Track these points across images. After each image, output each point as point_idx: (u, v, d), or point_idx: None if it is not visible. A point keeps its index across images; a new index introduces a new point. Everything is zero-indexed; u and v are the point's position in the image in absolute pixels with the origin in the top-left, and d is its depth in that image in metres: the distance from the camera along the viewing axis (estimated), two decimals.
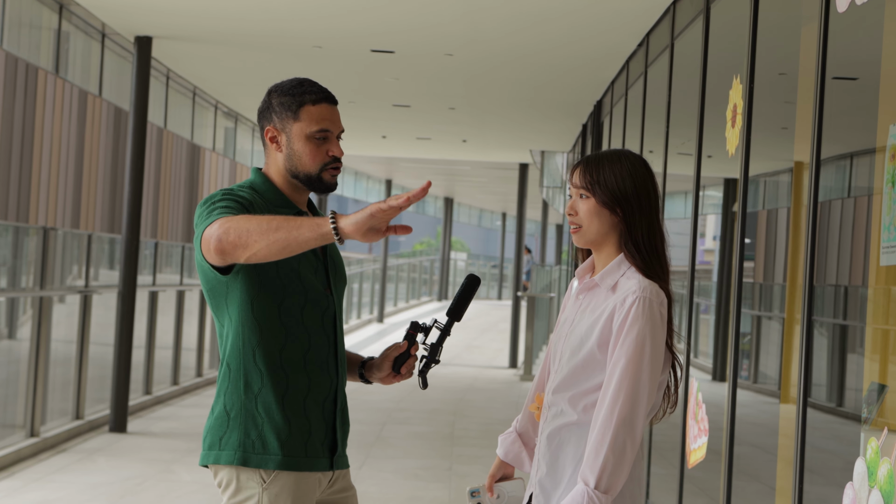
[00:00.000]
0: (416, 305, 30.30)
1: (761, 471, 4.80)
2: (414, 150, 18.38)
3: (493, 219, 44.74)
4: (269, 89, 2.97)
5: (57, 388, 8.97)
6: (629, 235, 2.86)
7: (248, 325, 2.84)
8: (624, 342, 2.77)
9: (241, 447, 2.84)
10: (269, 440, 2.85)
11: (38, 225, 8.83)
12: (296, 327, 2.87)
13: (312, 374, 2.90)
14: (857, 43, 3.96)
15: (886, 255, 3.26)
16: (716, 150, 5.69)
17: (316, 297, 2.91)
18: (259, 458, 2.84)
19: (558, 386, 2.89)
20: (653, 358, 2.77)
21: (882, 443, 3.17)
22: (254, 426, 2.85)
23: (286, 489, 2.86)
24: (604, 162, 2.89)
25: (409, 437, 9.62)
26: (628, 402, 2.74)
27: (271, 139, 2.94)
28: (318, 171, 2.92)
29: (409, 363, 3.07)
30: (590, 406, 2.84)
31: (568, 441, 2.86)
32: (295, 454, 2.86)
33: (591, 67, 9.69)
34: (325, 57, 10.02)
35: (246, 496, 2.87)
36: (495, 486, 3.07)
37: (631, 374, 2.75)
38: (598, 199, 2.86)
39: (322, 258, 2.98)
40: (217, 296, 2.86)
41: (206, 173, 13.78)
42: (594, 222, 2.87)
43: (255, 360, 2.85)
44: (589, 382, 2.84)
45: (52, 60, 9.27)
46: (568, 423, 2.86)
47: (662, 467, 6.55)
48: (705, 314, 7.05)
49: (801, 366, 4.00)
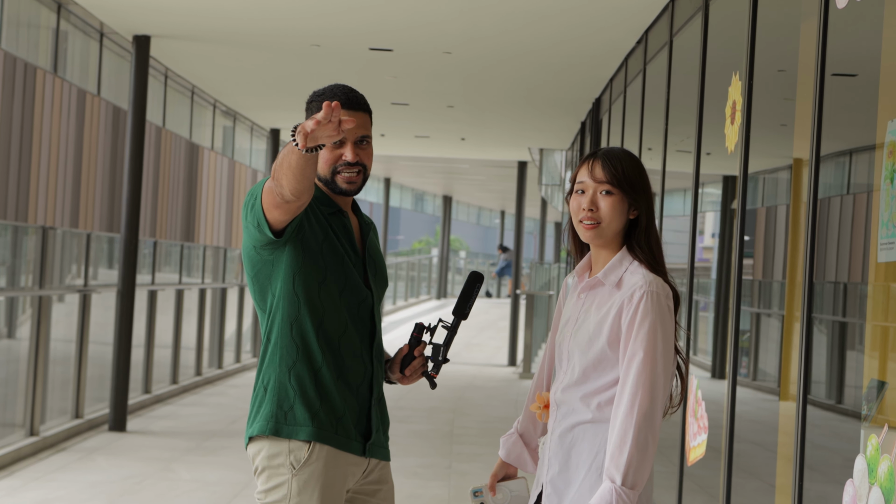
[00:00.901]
0: (414, 304, 30.30)
1: (761, 468, 4.80)
2: (412, 148, 18.38)
3: (491, 217, 44.74)
4: None
5: (56, 387, 8.97)
6: (641, 232, 2.85)
7: (289, 298, 2.98)
8: (636, 337, 2.77)
9: (272, 418, 2.96)
10: (300, 412, 2.95)
11: (37, 224, 8.83)
12: (333, 308, 3.00)
13: (346, 356, 3.01)
14: (857, 39, 3.96)
15: (885, 251, 3.26)
16: (715, 147, 5.69)
17: (355, 285, 3.04)
18: (290, 429, 2.94)
19: (569, 385, 2.88)
20: (665, 350, 2.78)
21: (882, 440, 3.17)
22: (286, 398, 2.96)
23: (315, 476, 2.93)
24: (624, 159, 2.87)
25: (408, 435, 9.62)
26: (648, 396, 2.74)
27: None
28: (330, 174, 3.03)
29: (413, 365, 3.14)
30: (604, 403, 2.83)
31: (582, 439, 2.85)
32: (325, 428, 2.94)
33: (589, 65, 9.69)
34: (324, 55, 10.01)
35: (276, 483, 2.95)
36: (498, 485, 3.07)
37: (647, 368, 2.75)
38: (623, 195, 2.84)
39: (361, 255, 3.11)
40: (262, 277, 3.00)
41: (204, 172, 13.78)
42: (615, 219, 2.85)
43: (292, 334, 2.98)
44: (601, 380, 2.84)
45: (51, 60, 9.26)
46: (581, 421, 2.85)
47: (662, 465, 6.55)
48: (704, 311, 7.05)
49: (800, 363, 4.00)
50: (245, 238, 3.01)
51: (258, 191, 2.92)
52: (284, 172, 2.75)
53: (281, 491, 2.94)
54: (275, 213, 2.88)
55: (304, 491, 2.93)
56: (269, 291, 3.01)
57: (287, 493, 2.93)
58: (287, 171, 2.74)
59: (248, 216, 2.94)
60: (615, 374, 2.81)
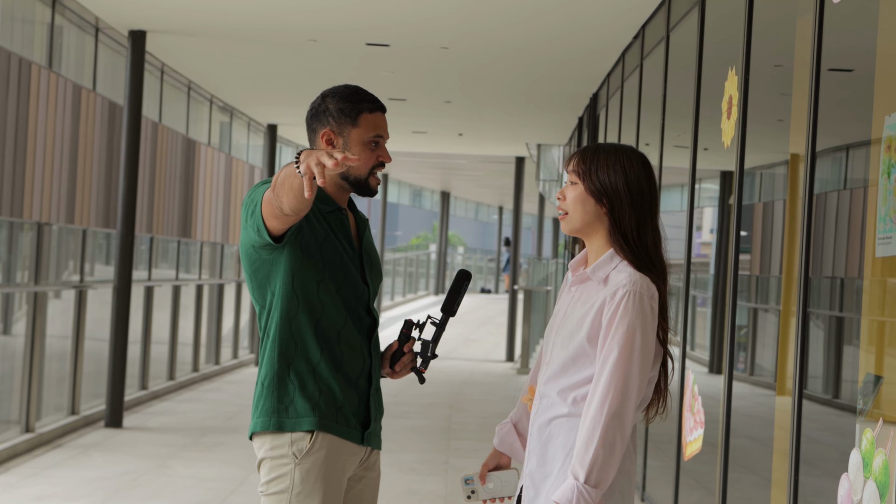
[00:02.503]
0: (412, 299, 30.30)
1: (757, 463, 4.80)
2: (410, 143, 18.36)
3: (489, 212, 44.73)
4: (324, 94, 3.15)
5: (52, 383, 8.95)
6: (616, 228, 2.86)
7: (288, 297, 3.03)
8: (614, 336, 2.76)
9: (274, 413, 3.01)
10: (300, 405, 3.00)
11: (33, 220, 8.82)
12: (332, 304, 3.05)
13: (345, 350, 3.07)
14: (853, 34, 3.95)
15: (882, 246, 3.25)
16: (712, 142, 5.68)
17: (353, 282, 3.10)
18: (292, 422, 3.00)
19: (549, 378, 2.90)
20: (643, 352, 2.76)
21: (877, 434, 3.17)
22: (286, 393, 3.01)
23: (317, 465, 2.98)
24: (600, 153, 2.89)
25: (405, 430, 9.61)
26: (618, 397, 2.73)
27: (327, 141, 3.10)
28: (367, 174, 3.11)
29: (403, 361, 3.20)
30: (580, 399, 2.83)
31: (558, 433, 2.86)
32: (327, 417, 3.00)
33: (586, 60, 9.68)
34: (321, 51, 10.00)
35: (279, 474, 2.99)
36: (489, 474, 3.08)
37: (621, 368, 2.74)
38: (585, 187, 2.87)
39: (358, 252, 3.16)
40: (261, 275, 3.05)
41: (201, 168, 13.76)
42: (579, 210, 2.88)
43: (292, 331, 3.03)
44: (579, 375, 2.84)
45: (46, 55, 9.24)
46: (558, 415, 2.86)
47: (659, 459, 6.54)
48: (702, 307, 7.05)
49: (796, 358, 4.00)
50: (244, 237, 3.05)
51: (258, 197, 2.96)
52: (286, 192, 2.80)
53: (284, 481, 2.98)
54: (274, 223, 2.94)
55: (307, 480, 2.97)
56: (267, 289, 3.06)
57: (290, 483, 2.98)
58: (288, 191, 2.79)
59: (247, 220, 2.99)
60: (593, 370, 2.81)
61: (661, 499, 6.55)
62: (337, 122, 3.09)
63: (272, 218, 2.92)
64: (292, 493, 2.97)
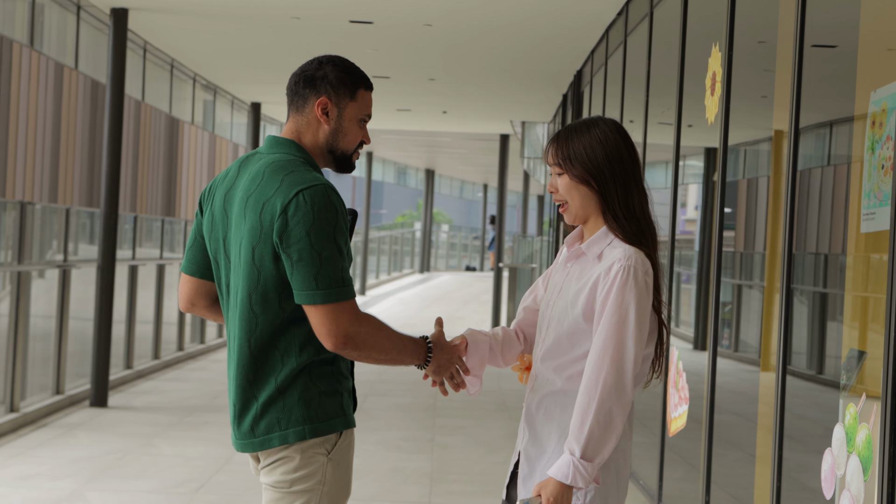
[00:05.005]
0: (398, 277, 30.29)
1: (742, 438, 4.82)
2: (394, 121, 18.32)
3: (474, 190, 44.69)
4: (322, 59, 2.97)
5: (36, 363, 8.93)
6: (606, 205, 2.86)
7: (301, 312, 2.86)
8: (609, 311, 2.76)
9: (307, 421, 2.87)
10: (328, 405, 2.89)
11: (16, 199, 8.77)
12: None
13: None
14: (836, 10, 3.95)
15: (867, 222, 3.26)
16: (696, 119, 5.68)
17: None
18: (327, 425, 2.88)
19: (545, 355, 2.90)
20: (638, 326, 2.76)
21: (860, 409, 3.18)
22: (313, 396, 2.87)
23: (342, 453, 2.92)
24: (572, 135, 2.88)
25: (391, 408, 9.63)
26: (613, 370, 2.73)
27: (322, 111, 2.95)
28: (352, 150, 3.02)
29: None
30: (575, 375, 2.83)
31: (553, 410, 2.86)
32: (349, 412, 2.95)
33: (570, 37, 9.65)
34: (303, 28, 9.95)
35: (310, 470, 2.89)
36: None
37: (615, 343, 2.74)
38: (571, 174, 2.87)
39: None
40: (269, 291, 2.86)
41: (185, 146, 13.70)
42: (575, 197, 2.88)
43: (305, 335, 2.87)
44: (574, 352, 2.84)
45: (27, 33, 9.17)
46: (553, 391, 2.87)
47: (643, 436, 6.56)
48: (686, 283, 7.06)
49: (780, 334, 4.01)
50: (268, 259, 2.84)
51: (341, 277, 2.81)
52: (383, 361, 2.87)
53: (316, 476, 2.89)
54: (329, 343, 2.87)
55: (338, 469, 2.92)
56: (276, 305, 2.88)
57: (322, 476, 2.89)
58: (394, 356, 2.88)
59: (295, 269, 2.80)
60: (588, 346, 2.81)
61: (646, 475, 6.58)
62: (336, 92, 2.94)
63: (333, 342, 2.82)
64: (323, 490, 2.89)
